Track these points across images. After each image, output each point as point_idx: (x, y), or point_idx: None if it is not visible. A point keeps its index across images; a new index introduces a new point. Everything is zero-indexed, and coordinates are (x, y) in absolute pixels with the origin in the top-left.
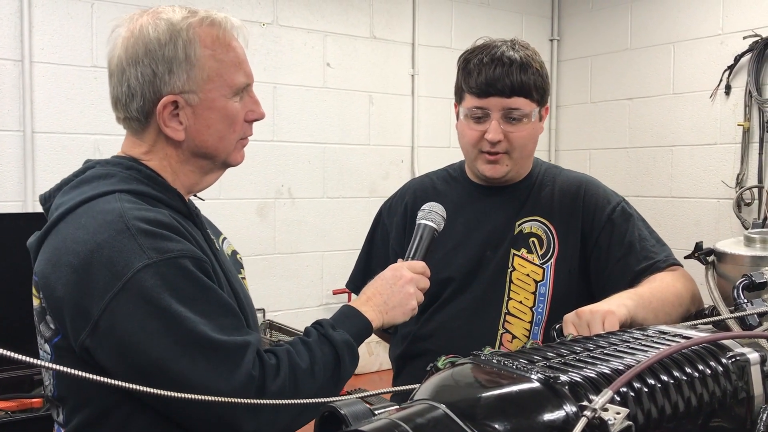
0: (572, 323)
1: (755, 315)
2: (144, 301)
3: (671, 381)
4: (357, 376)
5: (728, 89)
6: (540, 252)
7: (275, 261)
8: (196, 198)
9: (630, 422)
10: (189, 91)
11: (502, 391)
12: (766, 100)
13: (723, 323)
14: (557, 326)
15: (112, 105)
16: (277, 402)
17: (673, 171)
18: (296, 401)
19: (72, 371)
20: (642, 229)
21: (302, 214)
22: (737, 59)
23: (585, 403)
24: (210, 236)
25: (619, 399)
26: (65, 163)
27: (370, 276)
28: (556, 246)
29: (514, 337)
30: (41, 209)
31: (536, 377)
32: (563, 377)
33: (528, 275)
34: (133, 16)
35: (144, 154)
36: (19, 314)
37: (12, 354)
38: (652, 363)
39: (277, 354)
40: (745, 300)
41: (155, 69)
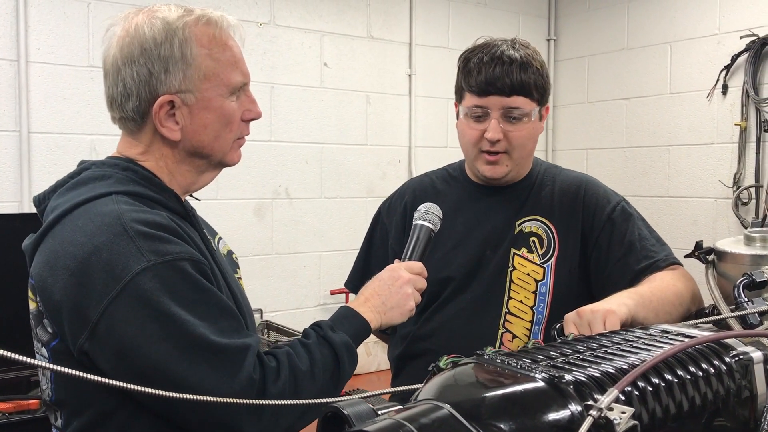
0: (573, 323)
1: (756, 314)
2: (143, 305)
3: (675, 380)
4: (355, 377)
5: (725, 89)
6: (540, 251)
7: (273, 261)
8: (192, 198)
9: (635, 421)
10: (185, 91)
11: (507, 391)
12: (763, 100)
13: (724, 322)
14: (558, 326)
15: (108, 105)
16: (278, 403)
17: (671, 170)
18: (297, 402)
19: (72, 372)
20: (642, 229)
21: (300, 215)
22: (734, 59)
23: (590, 403)
24: (207, 236)
25: (624, 398)
26: (61, 164)
27: (369, 276)
28: (557, 245)
29: (515, 337)
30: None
31: (541, 377)
32: (568, 377)
33: (528, 274)
34: (129, 15)
35: (140, 155)
36: (16, 315)
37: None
38: (657, 362)
39: (277, 356)
40: (746, 299)
41: (151, 68)
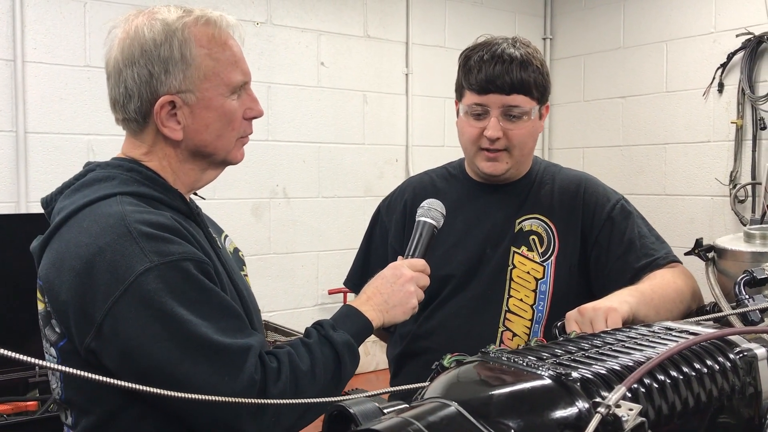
0: (575, 320)
1: (757, 311)
2: (146, 305)
3: (681, 377)
4: (354, 376)
5: (721, 87)
6: (540, 250)
7: (270, 261)
8: (197, 197)
9: (643, 418)
10: (186, 91)
11: (515, 389)
12: (759, 98)
13: (725, 319)
14: (559, 324)
15: (111, 106)
16: (279, 403)
17: (667, 169)
18: (298, 402)
19: (78, 372)
20: (641, 227)
21: (297, 214)
22: (730, 57)
23: (598, 400)
24: (212, 234)
25: (630, 395)
26: (58, 164)
27: (368, 274)
28: (557, 244)
29: (515, 335)
30: (34, 210)
31: (547, 374)
32: (574, 374)
33: (528, 273)
34: (129, 17)
35: (144, 155)
36: (14, 315)
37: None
38: (664, 359)
39: (279, 357)
40: (747, 296)
41: (151, 69)
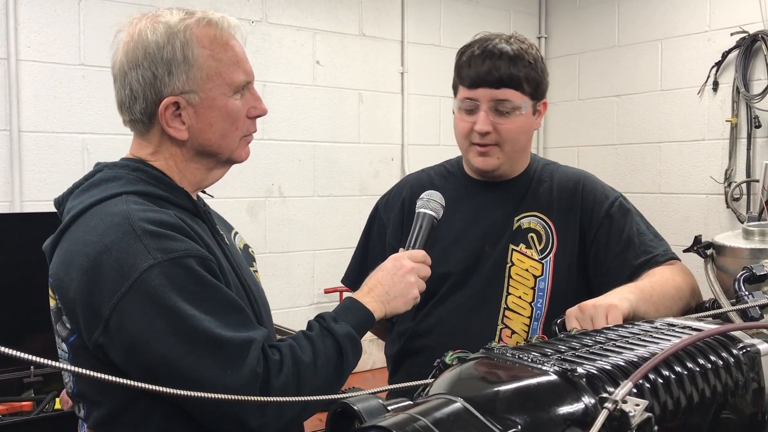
0: (575, 317)
1: (757, 307)
2: (150, 301)
3: (685, 372)
4: (350, 375)
5: (716, 85)
6: (539, 247)
7: (266, 260)
8: (206, 194)
9: (650, 414)
10: (189, 91)
11: (520, 385)
12: (754, 96)
13: (725, 316)
14: (559, 321)
15: (118, 108)
16: (282, 399)
17: (662, 167)
18: (300, 398)
19: (80, 370)
20: (640, 224)
21: (293, 213)
22: (724, 55)
23: (605, 395)
24: (219, 231)
25: (636, 391)
26: (53, 163)
27: (366, 271)
28: (555, 241)
29: (514, 333)
30: (29, 210)
31: (552, 370)
32: (580, 369)
33: (527, 270)
34: (133, 20)
35: (150, 155)
36: (10, 314)
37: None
38: (670, 354)
39: (281, 349)
40: (746, 292)
41: (155, 71)
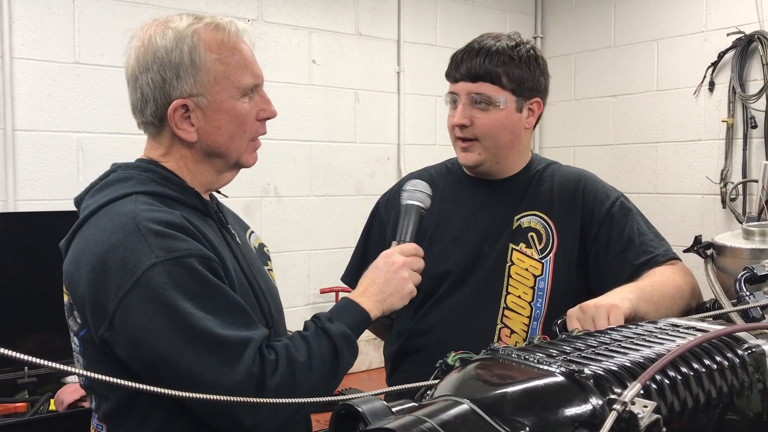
0: (576, 318)
1: (758, 308)
2: (152, 298)
3: (691, 373)
4: (346, 375)
5: (712, 86)
6: (539, 247)
7: None
8: (220, 194)
9: (658, 415)
10: (197, 95)
11: (528, 386)
12: (750, 96)
13: (726, 316)
14: (559, 321)
15: (132, 111)
16: (276, 401)
17: (658, 167)
18: (294, 400)
19: (76, 370)
20: (641, 224)
21: (288, 213)
22: (721, 56)
23: (614, 397)
24: (231, 231)
25: (643, 392)
26: (47, 162)
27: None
28: (555, 241)
29: (513, 332)
30: (23, 209)
31: (559, 371)
32: (587, 371)
33: (527, 270)
34: (144, 26)
35: (162, 156)
36: (4, 313)
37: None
38: (677, 355)
39: (276, 349)
40: (747, 293)
41: (164, 75)
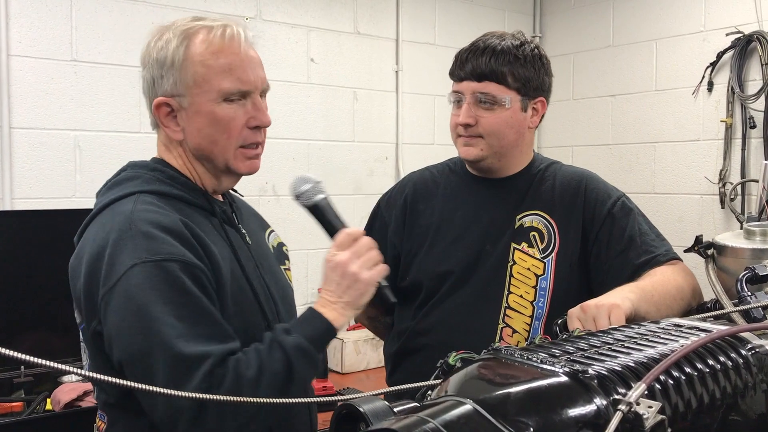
0: (577, 318)
1: (760, 308)
2: (128, 298)
3: (695, 373)
4: (344, 375)
5: (711, 86)
6: (541, 246)
7: None
8: (237, 193)
9: (663, 416)
10: (178, 95)
11: (531, 386)
12: (749, 96)
13: (727, 316)
14: (560, 321)
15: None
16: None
17: (656, 167)
18: (307, 400)
19: (72, 369)
20: (642, 224)
21: (286, 212)
22: (719, 56)
23: (618, 397)
24: (241, 231)
25: (647, 392)
26: (44, 160)
27: None
28: (557, 240)
29: (515, 332)
30: (19, 207)
31: (563, 371)
32: (591, 371)
33: (529, 269)
34: (152, 29)
35: (164, 153)
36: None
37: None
38: (682, 355)
39: (227, 365)
40: (749, 293)
41: (153, 73)
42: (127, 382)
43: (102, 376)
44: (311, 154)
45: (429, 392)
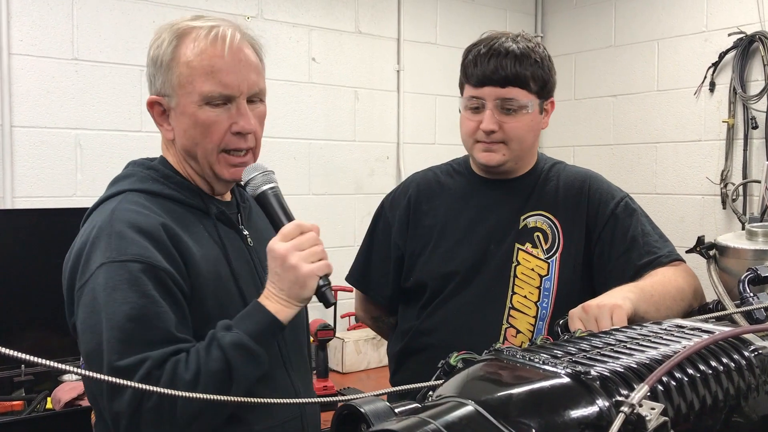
0: (579, 318)
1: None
2: (92, 296)
3: (698, 375)
4: (344, 375)
5: (712, 86)
6: (545, 247)
7: None
8: (240, 187)
9: (666, 418)
10: (167, 95)
11: (533, 387)
12: (751, 97)
13: (729, 317)
14: (561, 321)
15: None
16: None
17: (657, 167)
18: (299, 401)
19: (71, 369)
20: (645, 225)
21: None
22: (721, 56)
23: (621, 399)
24: (243, 232)
25: (650, 394)
26: (45, 159)
27: (370, 269)
28: (561, 241)
29: (519, 332)
30: (20, 206)
31: (565, 372)
32: (593, 372)
33: (533, 270)
34: (157, 28)
35: (165, 151)
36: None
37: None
38: (685, 357)
39: (164, 367)
40: (751, 294)
41: (150, 72)
42: (128, 382)
43: (101, 376)
44: (312, 154)
45: (430, 393)
